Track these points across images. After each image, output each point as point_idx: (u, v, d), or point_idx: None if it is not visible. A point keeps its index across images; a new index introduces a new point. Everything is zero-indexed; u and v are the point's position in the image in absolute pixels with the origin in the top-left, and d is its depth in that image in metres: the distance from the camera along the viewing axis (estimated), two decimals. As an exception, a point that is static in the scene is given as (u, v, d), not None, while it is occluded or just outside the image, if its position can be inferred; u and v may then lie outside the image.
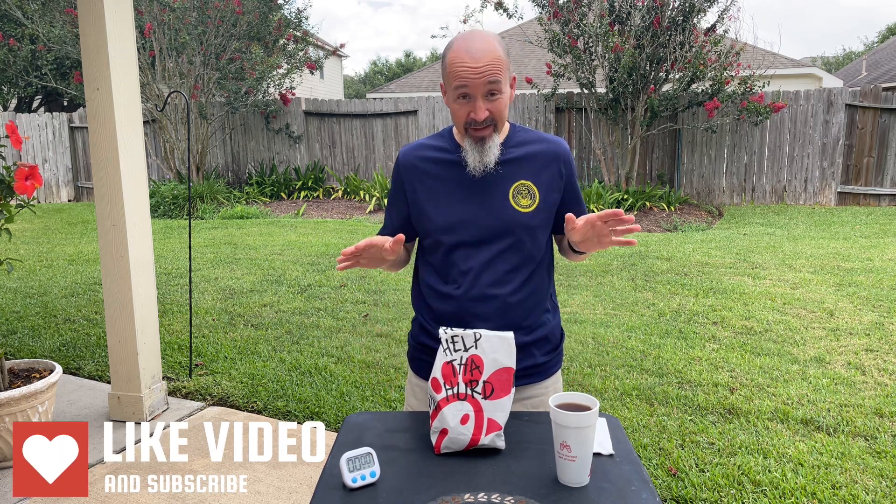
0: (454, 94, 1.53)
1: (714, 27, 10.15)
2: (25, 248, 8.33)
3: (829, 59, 43.57)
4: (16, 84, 16.35)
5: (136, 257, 3.33)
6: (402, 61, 49.09)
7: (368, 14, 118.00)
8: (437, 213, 1.63)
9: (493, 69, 1.48)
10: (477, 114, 1.51)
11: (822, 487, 2.65)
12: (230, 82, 12.07)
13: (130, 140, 3.30)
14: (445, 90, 1.58)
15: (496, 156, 1.58)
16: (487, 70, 1.47)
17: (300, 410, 3.47)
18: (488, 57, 1.48)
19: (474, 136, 1.56)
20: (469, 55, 1.48)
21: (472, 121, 1.53)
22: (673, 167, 11.40)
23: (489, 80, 1.48)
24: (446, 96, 1.58)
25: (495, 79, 1.48)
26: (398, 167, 1.70)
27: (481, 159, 1.57)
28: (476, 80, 1.48)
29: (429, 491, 1.26)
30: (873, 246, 7.32)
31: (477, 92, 1.50)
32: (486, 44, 1.49)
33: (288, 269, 6.78)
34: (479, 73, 1.47)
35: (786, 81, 15.08)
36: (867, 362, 3.98)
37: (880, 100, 10.33)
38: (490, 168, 1.59)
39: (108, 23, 3.12)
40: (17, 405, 2.85)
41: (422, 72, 22.57)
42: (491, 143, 1.57)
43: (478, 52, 1.48)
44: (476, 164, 1.58)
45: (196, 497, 2.65)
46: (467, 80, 1.48)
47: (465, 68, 1.48)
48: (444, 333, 1.44)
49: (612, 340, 4.44)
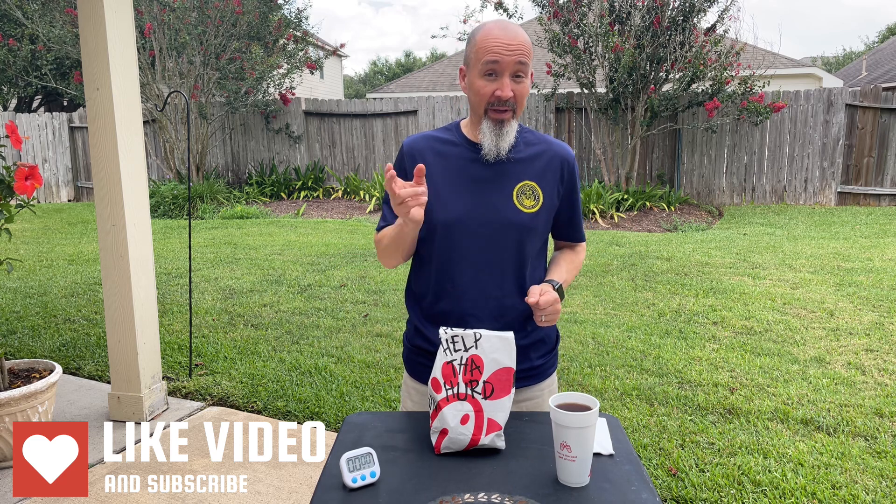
0: (482, 70, 1.52)
1: (714, 27, 10.15)
2: (25, 248, 8.34)
3: (829, 59, 43.56)
4: (16, 84, 16.35)
5: (136, 257, 3.33)
6: (402, 61, 49.09)
7: (369, 14, 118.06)
8: (438, 206, 1.58)
9: (523, 49, 1.50)
10: (504, 90, 1.51)
11: (822, 487, 2.65)
12: (230, 82, 12.07)
13: (130, 140, 3.29)
14: (467, 72, 1.57)
15: (510, 143, 1.57)
16: (519, 49, 1.49)
17: (300, 410, 3.47)
18: (521, 38, 1.51)
19: (494, 118, 1.55)
20: (503, 32, 1.50)
21: (496, 99, 1.52)
22: (673, 167, 11.40)
23: (519, 61, 1.50)
24: (466, 79, 1.57)
25: (525, 60, 1.51)
26: (402, 155, 1.66)
27: (497, 143, 1.56)
28: (508, 56, 1.49)
29: (429, 491, 1.26)
30: (873, 246, 7.32)
31: (506, 70, 1.50)
32: (517, 29, 1.53)
33: (288, 269, 6.78)
34: (511, 49, 1.49)
35: (786, 81, 15.08)
36: (867, 362, 3.98)
37: (880, 100, 10.33)
38: (503, 155, 1.58)
39: (108, 23, 3.12)
40: (17, 405, 2.85)
41: (422, 72, 22.57)
42: (509, 127, 1.56)
43: (511, 31, 1.51)
44: (491, 147, 1.56)
45: (196, 497, 2.65)
46: (499, 54, 1.49)
47: (499, 44, 1.49)
48: (444, 333, 1.44)
49: (612, 340, 4.44)
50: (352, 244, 8.22)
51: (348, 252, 7.67)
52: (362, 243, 8.24)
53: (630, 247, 7.69)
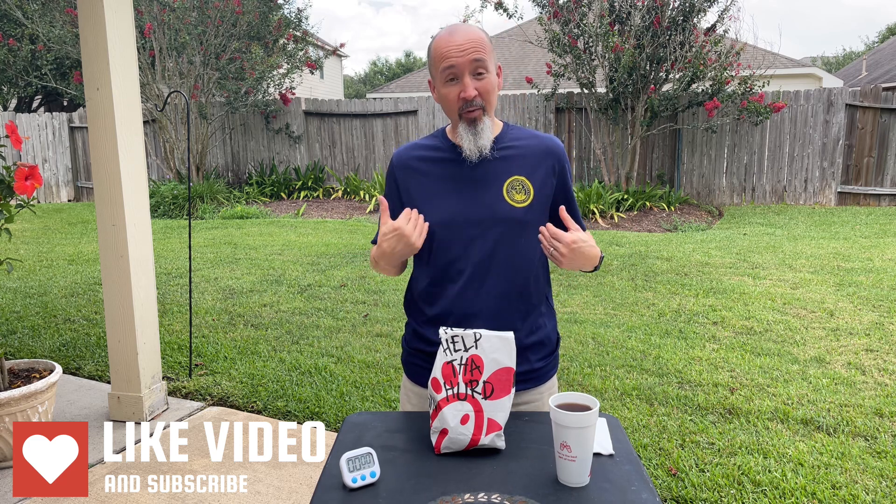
0: (443, 78, 1.56)
1: (714, 27, 10.15)
2: (25, 248, 8.33)
3: (829, 59, 43.54)
4: (16, 84, 16.34)
5: (136, 257, 3.33)
6: (402, 61, 49.08)
7: (370, 14, 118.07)
8: (431, 210, 1.61)
9: (476, 46, 1.53)
10: (466, 91, 1.54)
11: (822, 487, 2.65)
12: (230, 82, 12.08)
13: (130, 140, 3.29)
14: (434, 84, 1.62)
15: (490, 140, 1.59)
16: (471, 47, 1.52)
17: (300, 410, 3.47)
18: (471, 35, 1.54)
19: (467, 118, 1.57)
20: (451, 37, 1.54)
21: (463, 101, 1.55)
22: (673, 167, 11.40)
23: (474, 58, 1.53)
24: (435, 91, 1.62)
25: (479, 56, 1.53)
26: (392, 168, 1.71)
27: (475, 142, 1.58)
28: (461, 57, 1.52)
29: (429, 491, 1.26)
30: (873, 246, 7.32)
31: (464, 70, 1.53)
32: (467, 28, 1.56)
33: (288, 269, 6.78)
34: (464, 49, 1.52)
35: (786, 81, 15.08)
36: (867, 362, 3.98)
37: (880, 100, 10.33)
38: (485, 153, 1.59)
39: (108, 23, 3.12)
40: (17, 405, 2.85)
41: (422, 72, 22.57)
42: (482, 125, 1.58)
43: (460, 33, 1.55)
44: (471, 147, 1.58)
45: (196, 497, 2.65)
46: (452, 58, 1.53)
47: (450, 47, 1.53)
48: (445, 333, 1.44)
49: (612, 340, 4.44)
50: (352, 244, 8.22)
51: (348, 252, 7.67)
52: (362, 243, 8.24)
53: (630, 247, 7.69)
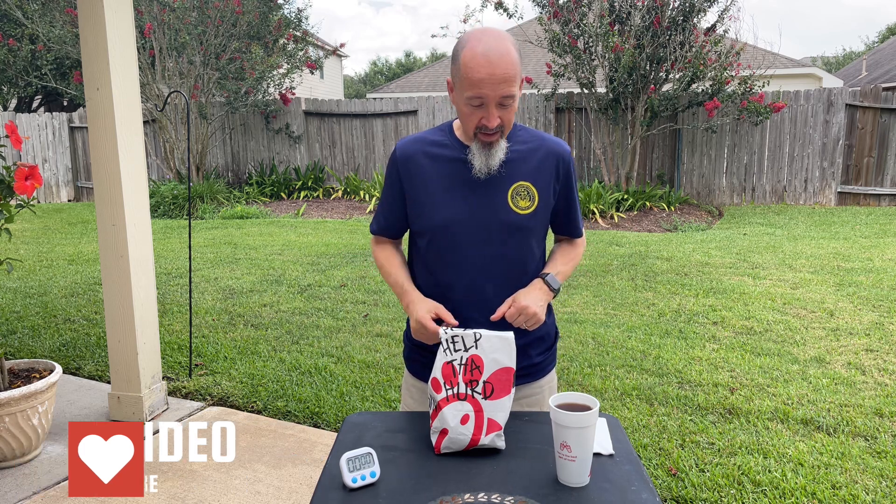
0: (467, 98, 1.49)
1: (714, 27, 10.15)
2: (25, 248, 8.33)
3: (829, 59, 43.54)
4: (16, 84, 16.34)
5: (136, 257, 3.33)
6: (402, 61, 49.09)
7: (369, 14, 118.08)
8: (433, 210, 1.61)
9: (510, 79, 1.44)
10: (490, 121, 1.50)
11: (822, 487, 2.65)
12: (230, 82, 12.08)
13: (130, 140, 3.29)
14: (454, 88, 1.54)
15: (501, 159, 1.58)
16: (504, 80, 1.44)
17: (300, 410, 3.47)
18: (506, 66, 1.43)
19: (483, 140, 1.55)
20: (486, 59, 1.43)
21: (483, 126, 1.52)
22: (673, 167, 11.40)
23: (504, 94, 1.46)
24: (454, 94, 1.54)
25: (511, 92, 1.46)
26: (395, 160, 1.66)
27: (487, 163, 1.57)
28: (493, 91, 1.45)
29: (429, 491, 1.26)
30: (873, 246, 7.32)
31: (492, 102, 1.48)
32: (502, 52, 1.44)
33: (288, 269, 6.78)
34: (497, 83, 1.44)
35: (786, 81, 15.08)
36: (867, 362, 3.98)
37: (880, 100, 10.33)
38: (494, 171, 1.59)
39: (108, 23, 3.12)
40: (17, 405, 2.85)
41: (422, 72, 22.56)
42: (497, 147, 1.56)
43: (495, 56, 1.43)
44: (482, 166, 1.57)
45: (196, 497, 2.65)
46: (485, 89, 1.45)
47: (482, 77, 1.43)
48: (445, 333, 1.44)
49: (612, 340, 4.44)
50: (352, 244, 8.22)
51: (348, 252, 7.67)
52: (362, 243, 8.24)
53: (630, 247, 7.69)
